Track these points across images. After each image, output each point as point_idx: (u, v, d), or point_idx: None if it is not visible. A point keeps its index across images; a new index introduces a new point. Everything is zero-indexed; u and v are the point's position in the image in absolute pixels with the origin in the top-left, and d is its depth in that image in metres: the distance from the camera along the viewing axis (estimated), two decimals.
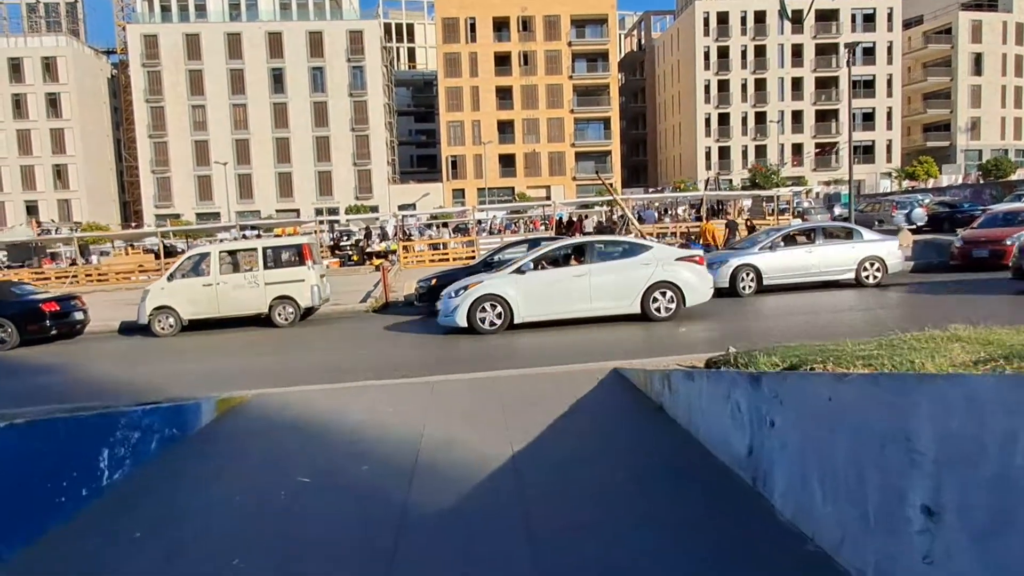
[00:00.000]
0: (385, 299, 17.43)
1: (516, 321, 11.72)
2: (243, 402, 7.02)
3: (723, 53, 74.74)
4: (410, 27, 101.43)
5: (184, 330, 14.78)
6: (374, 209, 66.13)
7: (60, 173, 73.32)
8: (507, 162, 75.25)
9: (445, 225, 44.55)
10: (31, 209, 72.04)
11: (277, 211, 70.72)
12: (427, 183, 77.80)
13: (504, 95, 74.39)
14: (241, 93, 72.62)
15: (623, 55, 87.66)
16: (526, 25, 73.40)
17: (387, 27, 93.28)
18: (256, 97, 72.56)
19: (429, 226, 45.84)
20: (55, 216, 70.68)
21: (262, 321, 15.06)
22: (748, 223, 27.93)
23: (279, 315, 14.82)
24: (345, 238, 33.98)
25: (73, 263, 31.06)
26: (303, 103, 73.05)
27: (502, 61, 73.77)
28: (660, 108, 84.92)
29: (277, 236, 39.81)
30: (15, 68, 72.08)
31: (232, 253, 15.46)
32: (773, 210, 33.40)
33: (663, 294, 11.67)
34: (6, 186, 72.54)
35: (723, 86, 75.12)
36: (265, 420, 6.43)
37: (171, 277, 14.76)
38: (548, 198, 61.82)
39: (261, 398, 7.14)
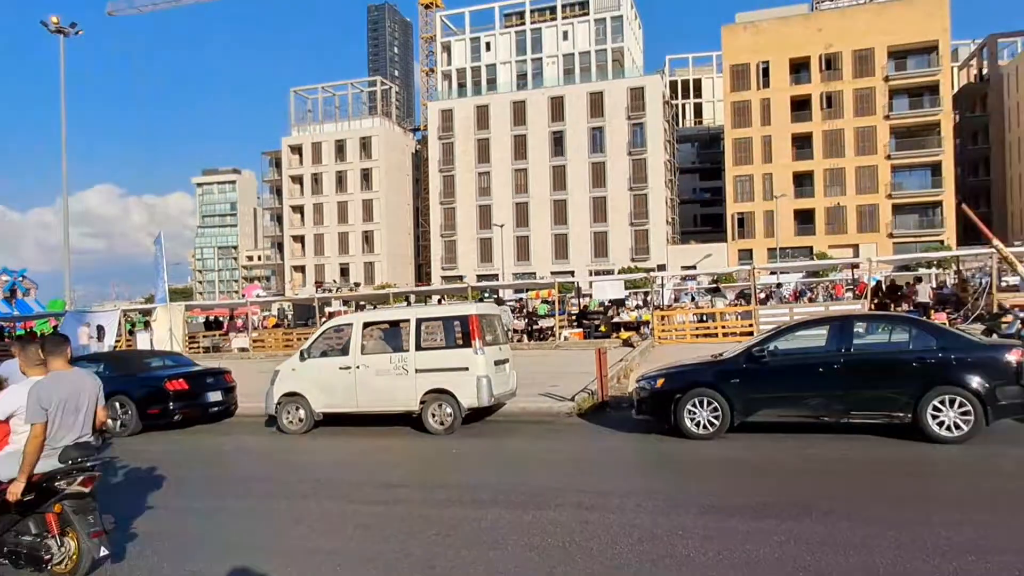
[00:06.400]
0: (601, 396, 12.16)
1: None
2: None
3: None
4: (697, 82, 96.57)
5: (318, 425, 11.08)
6: (655, 270, 61.15)
7: (368, 238, 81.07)
8: (804, 218, 65.45)
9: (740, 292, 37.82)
10: (344, 271, 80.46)
11: (552, 272, 69.33)
12: (712, 243, 70.85)
13: (801, 143, 65.28)
14: (523, 158, 73.80)
15: (957, 89, 72.29)
16: (830, 63, 64.07)
17: (672, 85, 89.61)
18: (536, 160, 73.13)
19: (715, 291, 39.00)
20: (361, 278, 77.74)
21: (415, 421, 10.78)
22: None
23: (432, 416, 10.39)
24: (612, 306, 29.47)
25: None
26: (581, 164, 71.75)
27: (800, 106, 65.04)
28: (1010, 150, 67.69)
29: (537, 299, 36.73)
30: (340, 148, 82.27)
31: (388, 325, 11.53)
32: None
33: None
34: (327, 250, 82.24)
35: None
36: None
37: (304, 355, 11.18)
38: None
39: None
